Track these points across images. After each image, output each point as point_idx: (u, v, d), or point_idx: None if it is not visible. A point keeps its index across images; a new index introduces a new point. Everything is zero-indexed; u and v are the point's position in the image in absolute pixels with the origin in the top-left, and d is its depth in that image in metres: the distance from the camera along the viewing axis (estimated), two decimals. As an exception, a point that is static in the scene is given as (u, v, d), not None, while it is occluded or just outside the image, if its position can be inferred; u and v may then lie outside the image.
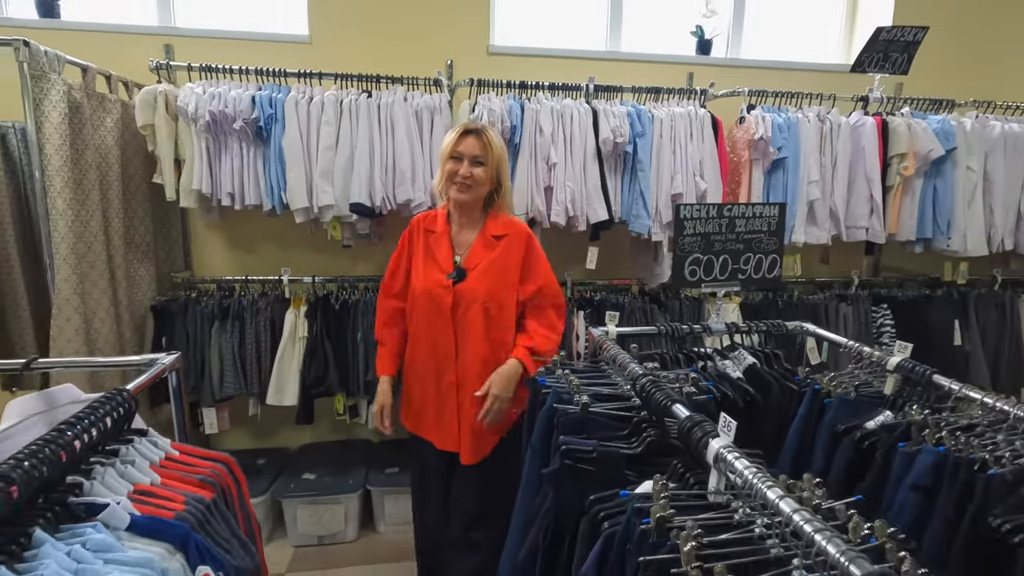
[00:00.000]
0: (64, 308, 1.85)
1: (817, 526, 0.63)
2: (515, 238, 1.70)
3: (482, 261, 1.66)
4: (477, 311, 1.64)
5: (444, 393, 1.70)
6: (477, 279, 1.65)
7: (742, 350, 1.47)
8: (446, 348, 1.67)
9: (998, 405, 1.04)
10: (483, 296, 1.64)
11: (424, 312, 1.68)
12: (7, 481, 0.68)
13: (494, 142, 1.65)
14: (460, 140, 1.64)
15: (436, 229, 1.72)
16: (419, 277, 1.69)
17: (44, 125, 1.79)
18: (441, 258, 1.69)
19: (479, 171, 1.63)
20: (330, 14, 2.65)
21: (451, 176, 1.63)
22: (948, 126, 2.59)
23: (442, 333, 1.67)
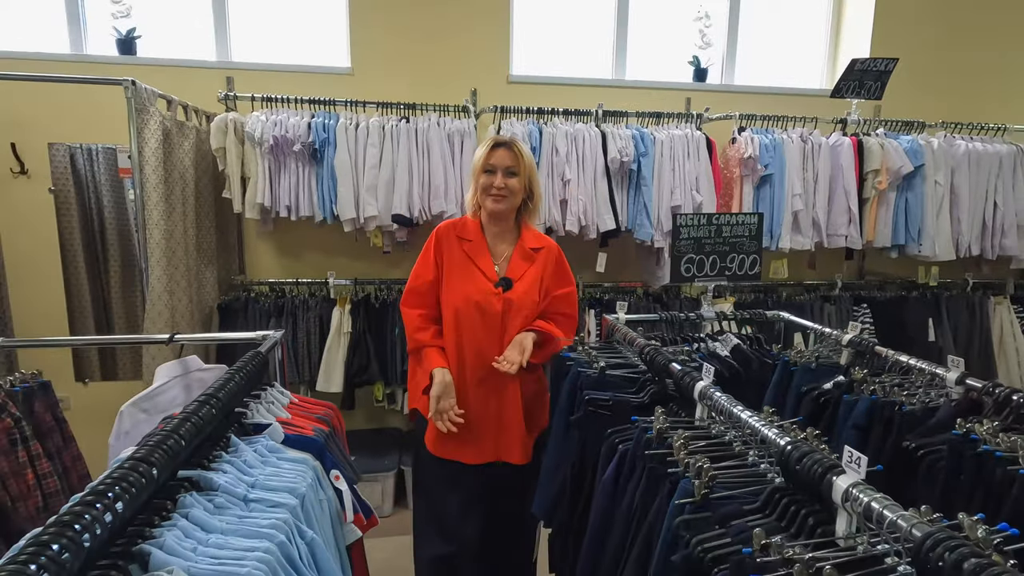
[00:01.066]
0: (156, 304, 2.19)
1: (759, 423, 0.95)
2: (549, 252, 1.74)
3: (525, 273, 1.69)
4: (522, 320, 1.66)
5: (483, 402, 1.66)
6: (524, 287, 1.67)
7: (729, 334, 1.79)
8: (490, 356, 1.61)
9: (919, 365, 1.36)
10: (529, 305, 1.67)
11: (469, 320, 1.64)
12: (214, 403, 1.00)
13: (524, 153, 1.68)
14: (492, 153, 1.66)
15: (471, 238, 1.71)
16: (461, 284, 1.66)
17: (144, 149, 2.14)
18: (484, 267, 1.68)
19: (513, 182, 1.66)
20: (369, 48, 3.01)
21: (486, 188, 1.66)
22: (917, 145, 2.92)
23: (487, 341, 1.64)
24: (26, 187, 2.82)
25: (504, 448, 1.69)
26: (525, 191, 1.71)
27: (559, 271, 1.76)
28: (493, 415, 1.67)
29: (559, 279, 1.75)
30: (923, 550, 0.61)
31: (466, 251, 1.70)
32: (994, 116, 3.25)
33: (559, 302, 1.73)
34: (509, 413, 1.67)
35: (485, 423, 1.67)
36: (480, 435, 1.67)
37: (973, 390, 1.22)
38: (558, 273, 1.75)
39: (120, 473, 0.73)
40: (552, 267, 1.74)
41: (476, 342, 1.65)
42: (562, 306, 1.74)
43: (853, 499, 0.72)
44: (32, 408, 1.31)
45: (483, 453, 1.68)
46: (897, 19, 3.39)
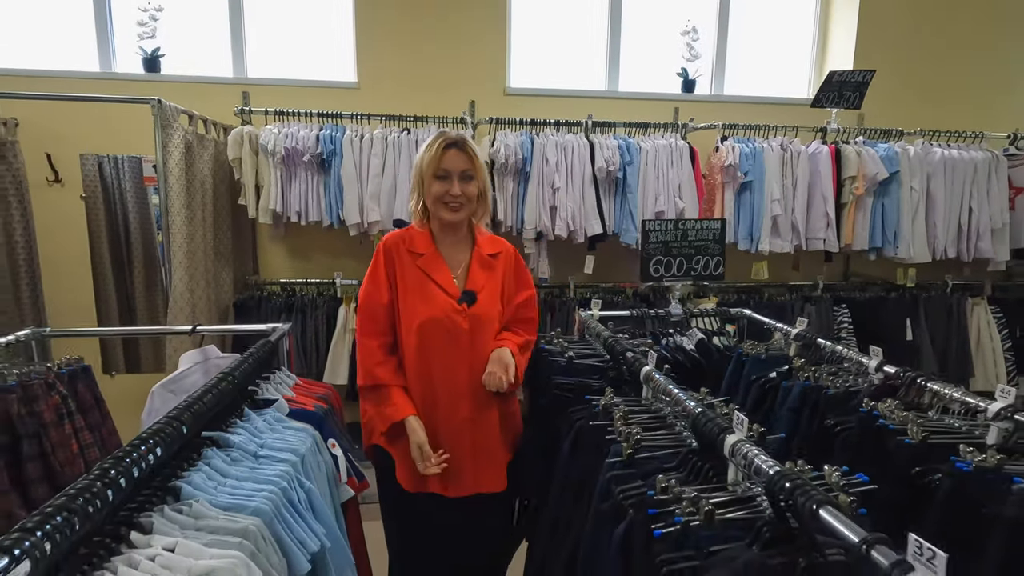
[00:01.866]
0: (178, 300, 2.41)
1: (683, 394, 1.13)
2: (507, 256, 1.63)
3: (487, 282, 1.56)
4: (491, 333, 1.53)
5: (456, 432, 1.51)
6: (488, 301, 1.54)
7: (694, 329, 1.96)
8: (459, 379, 1.49)
9: (848, 354, 1.52)
10: (496, 318, 1.55)
11: (433, 342, 1.48)
12: (230, 379, 1.20)
13: (477, 152, 1.52)
14: (444, 155, 1.48)
15: (423, 251, 1.54)
16: (420, 305, 1.50)
17: (168, 161, 2.36)
18: (443, 282, 1.52)
19: (471, 187, 1.50)
20: (374, 64, 3.22)
21: (440, 197, 1.49)
22: (892, 152, 3.07)
23: (455, 363, 1.49)
24: (60, 194, 3.07)
25: (483, 478, 1.55)
26: (479, 193, 1.54)
27: (519, 275, 1.65)
28: (468, 443, 1.52)
29: (519, 284, 1.64)
30: (772, 483, 0.79)
31: (420, 266, 1.52)
32: (972, 124, 3.38)
33: (523, 308, 1.63)
34: (485, 439, 1.53)
35: (461, 452, 1.51)
36: (459, 467, 1.51)
37: (889, 376, 1.39)
38: (518, 277, 1.64)
39: (158, 427, 0.93)
40: (512, 272, 1.62)
41: (443, 366, 1.49)
42: (526, 311, 1.63)
43: (737, 452, 0.90)
44: (76, 388, 1.52)
45: (462, 486, 1.53)
46: (880, 31, 3.53)
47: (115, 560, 0.71)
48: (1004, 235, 3.23)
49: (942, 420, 1.19)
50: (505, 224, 2.90)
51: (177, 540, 0.78)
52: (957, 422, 1.18)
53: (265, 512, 0.92)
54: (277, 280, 3.17)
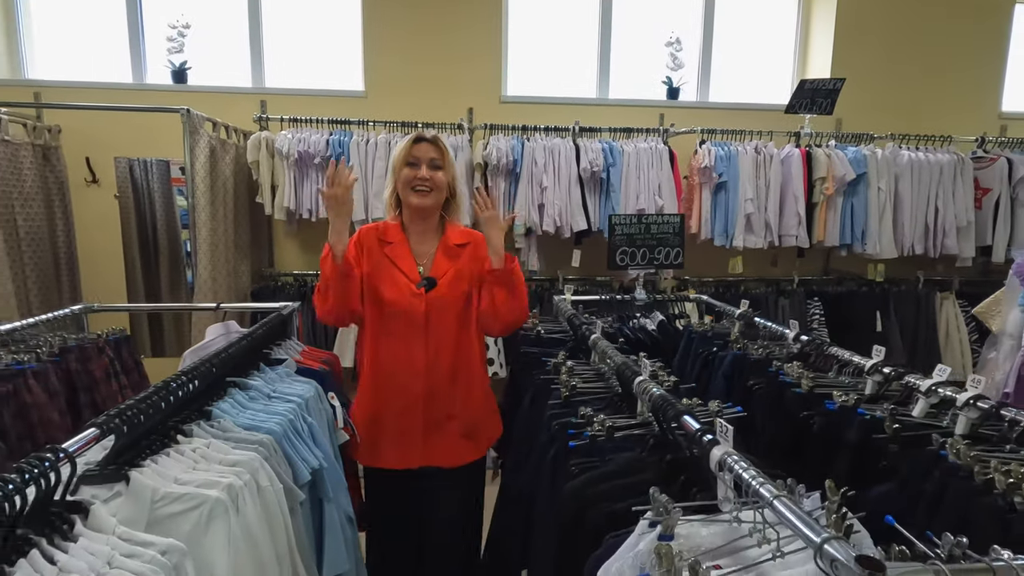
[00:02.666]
0: (203, 288, 2.70)
1: (614, 353, 1.38)
2: (479, 246, 1.67)
3: (449, 269, 1.63)
4: (451, 319, 1.61)
5: (409, 408, 1.62)
6: (448, 286, 1.61)
7: (656, 312, 2.21)
8: (416, 360, 1.59)
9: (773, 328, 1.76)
10: (456, 303, 1.62)
11: (391, 323, 1.60)
12: (248, 340, 1.47)
13: (448, 151, 1.63)
14: (415, 146, 1.60)
15: (392, 240, 1.65)
16: (380, 287, 1.61)
17: (195, 164, 2.66)
18: (405, 268, 1.62)
19: (439, 175, 1.59)
20: (380, 74, 3.51)
21: (408, 182, 1.59)
22: (860, 155, 3.28)
23: (411, 344, 1.59)
24: (97, 193, 3.39)
25: (434, 452, 1.64)
26: (448, 190, 1.65)
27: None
28: (419, 418, 1.62)
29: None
30: (655, 405, 1.04)
31: (387, 253, 1.63)
32: (943, 128, 3.57)
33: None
34: (436, 415, 1.63)
35: (411, 427, 1.62)
36: (409, 440, 1.62)
37: (805, 344, 1.63)
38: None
39: (194, 366, 1.20)
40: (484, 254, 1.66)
41: (400, 346, 1.60)
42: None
43: (640, 387, 1.15)
44: (120, 352, 1.81)
45: (411, 458, 1.63)
46: (856, 41, 3.75)
47: (171, 447, 0.99)
48: (970, 233, 3.42)
49: (827, 376, 1.43)
50: (498, 221, 3.17)
51: (210, 441, 1.06)
52: (846, 379, 1.42)
53: (276, 432, 1.19)
54: (290, 271, 3.46)
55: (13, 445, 1.33)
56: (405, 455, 1.64)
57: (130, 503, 0.87)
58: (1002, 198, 3.42)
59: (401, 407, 1.62)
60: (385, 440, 1.64)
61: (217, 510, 0.91)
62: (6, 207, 2.78)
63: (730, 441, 0.81)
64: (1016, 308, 1.96)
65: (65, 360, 1.59)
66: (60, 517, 0.74)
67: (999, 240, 3.44)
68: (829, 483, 0.71)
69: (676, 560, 0.66)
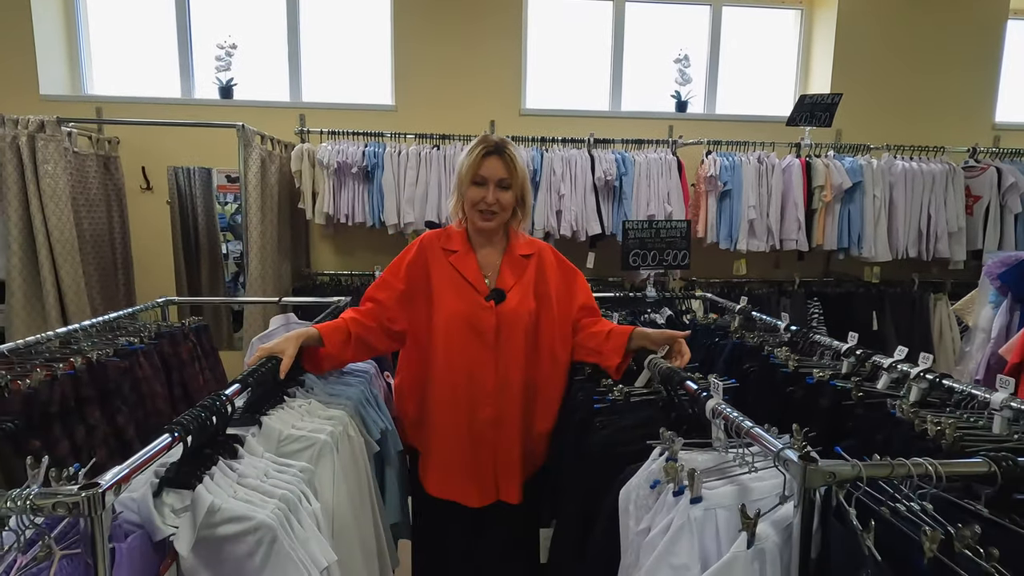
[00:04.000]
0: (253, 285, 2.99)
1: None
2: (543, 255, 1.62)
3: (518, 281, 1.55)
4: (520, 334, 1.51)
5: (478, 433, 1.51)
6: (518, 299, 1.52)
7: (665, 308, 2.47)
8: (484, 378, 1.49)
9: (767, 320, 2.01)
10: (526, 317, 1.52)
11: (458, 339, 1.49)
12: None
13: (518, 159, 1.51)
14: (482, 162, 1.49)
15: (456, 248, 1.57)
16: (448, 301, 1.52)
17: (248, 174, 2.95)
18: (472, 279, 1.53)
19: (506, 196, 1.50)
20: (409, 89, 3.79)
21: (475, 204, 1.51)
22: (857, 165, 3.52)
23: (481, 362, 1.49)
24: (150, 199, 3.70)
25: (503, 485, 1.54)
26: (517, 200, 1.55)
27: (563, 272, 1.64)
28: (488, 451, 1.52)
29: (568, 281, 1.64)
30: (663, 374, 1.30)
31: (452, 263, 1.55)
32: (937, 139, 3.80)
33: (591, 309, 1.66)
34: (507, 444, 1.52)
35: (483, 457, 1.52)
36: (480, 473, 1.53)
37: (794, 334, 1.87)
38: (563, 274, 1.64)
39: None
40: (552, 271, 1.61)
41: (469, 363, 1.50)
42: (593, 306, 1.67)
43: (651, 362, 1.40)
44: (200, 339, 2.10)
45: (484, 494, 1.53)
46: (855, 56, 3.99)
47: (284, 403, 1.26)
48: (961, 238, 3.64)
49: (811, 360, 1.68)
50: (518, 225, 3.44)
51: (311, 401, 1.33)
52: (827, 361, 1.67)
53: (354, 398, 1.46)
54: (326, 272, 3.75)
55: (131, 410, 1.61)
56: (479, 491, 1.53)
57: (263, 440, 1.15)
58: (992, 205, 3.65)
59: (472, 435, 1.51)
60: (456, 471, 1.53)
61: (325, 449, 1.19)
62: (76, 212, 3.09)
63: (720, 395, 1.07)
64: (988, 305, 2.19)
65: (160, 344, 1.88)
66: (228, 444, 1.01)
67: (989, 244, 3.65)
68: (795, 426, 0.96)
69: (679, 471, 0.92)
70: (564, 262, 1.67)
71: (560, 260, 1.67)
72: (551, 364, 1.58)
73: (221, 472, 0.93)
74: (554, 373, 1.59)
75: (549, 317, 1.58)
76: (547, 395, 1.59)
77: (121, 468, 0.80)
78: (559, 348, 1.59)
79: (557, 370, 1.60)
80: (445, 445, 1.54)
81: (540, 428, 1.59)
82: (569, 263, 1.69)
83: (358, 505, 1.26)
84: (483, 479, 1.53)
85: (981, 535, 0.70)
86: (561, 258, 1.68)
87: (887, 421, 1.22)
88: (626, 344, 1.48)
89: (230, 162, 3.29)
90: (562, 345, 1.60)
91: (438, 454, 1.55)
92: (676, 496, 0.90)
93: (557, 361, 1.60)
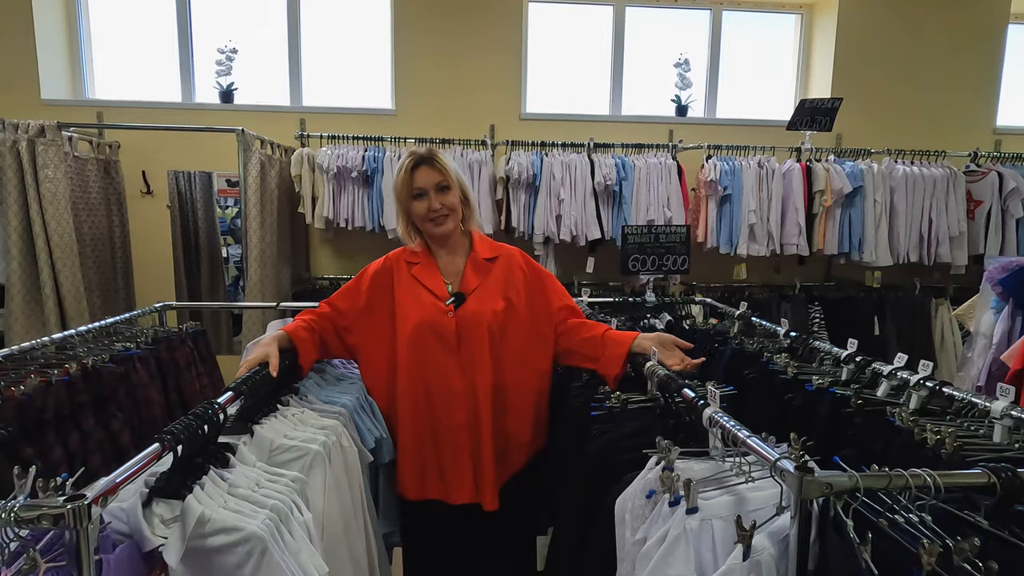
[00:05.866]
0: (252, 290, 2.99)
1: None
2: (509, 259, 1.62)
3: (482, 283, 1.56)
4: (483, 334, 1.51)
5: (452, 437, 1.51)
6: (479, 301, 1.53)
7: (665, 313, 2.46)
8: (450, 384, 1.50)
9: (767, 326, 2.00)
10: (488, 317, 1.51)
11: (424, 345, 1.50)
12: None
13: (447, 161, 1.53)
14: (414, 175, 1.50)
15: (418, 260, 1.58)
16: (409, 310, 1.53)
17: (247, 178, 2.95)
18: (433, 286, 1.54)
19: (449, 198, 1.51)
20: (409, 93, 3.79)
21: (423, 216, 1.52)
22: (857, 170, 3.51)
23: (444, 367, 1.50)
24: (150, 204, 3.70)
25: (480, 487, 1.53)
26: (460, 199, 1.55)
27: (534, 274, 1.64)
28: (464, 453, 1.52)
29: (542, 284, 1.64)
30: (661, 382, 1.29)
31: (414, 274, 1.57)
32: (938, 143, 3.79)
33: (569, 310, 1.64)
34: (483, 448, 1.52)
35: (458, 460, 1.52)
36: (454, 473, 1.53)
37: (793, 340, 1.86)
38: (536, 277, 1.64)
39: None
40: (522, 273, 1.61)
41: (434, 370, 1.50)
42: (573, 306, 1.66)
43: (648, 370, 1.39)
44: (197, 344, 2.09)
45: (461, 493, 1.53)
46: (855, 60, 3.98)
47: (277, 412, 1.25)
48: (962, 243, 3.63)
49: (810, 366, 1.67)
50: (518, 230, 3.43)
51: (304, 410, 1.32)
52: (827, 367, 1.66)
53: (349, 407, 1.45)
54: (325, 276, 3.75)
55: (127, 416, 1.60)
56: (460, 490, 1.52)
57: (254, 450, 1.14)
58: (993, 209, 3.63)
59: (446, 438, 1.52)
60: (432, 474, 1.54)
61: (317, 460, 1.18)
62: (75, 216, 3.09)
63: (717, 404, 1.05)
64: (989, 310, 2.18)
65: (157, 349, 1.87)
66: (219, 452, 1.00)
67: (991, 249, 3.64)
68: (793, 435, 0.95)
69: (675, 481, 0.91)
70: (534, 265, 1.68)
71: (530, 263, 1.67)
72: (522, 366, 1.58)
73: (212, 482, 0.92)
74: (526, 376, 1.59)
75: (518, 318, 1.58)
76: (519, 398, 1.58)
77: (109, 479, 0.79)
78: (533, 351, 1.60)
79: (529, 373, 1.60)
80: (417, 451, 1.54)
81: (513, 432, 1.58)
82: (539, 266, 1.69)
83: (350, 517, 1.25)
84: (461, 479, 1.53)
85: (980, 548, 0.69)
86: (531, 261, 1.68)
87: (887, 429, 1.20)
88: (626, 355, 1.47)
89: (230, 166, 3.29)
90: (538, 348, 1.61)
91: (411, 459, 1.55)
92: (672, 506, 0.89)
93: (529, 364, 1.59)
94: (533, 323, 1.60)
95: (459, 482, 1.53)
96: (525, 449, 1.61)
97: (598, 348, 1.52)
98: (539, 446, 1.65)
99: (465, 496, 1.53)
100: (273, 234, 3.23)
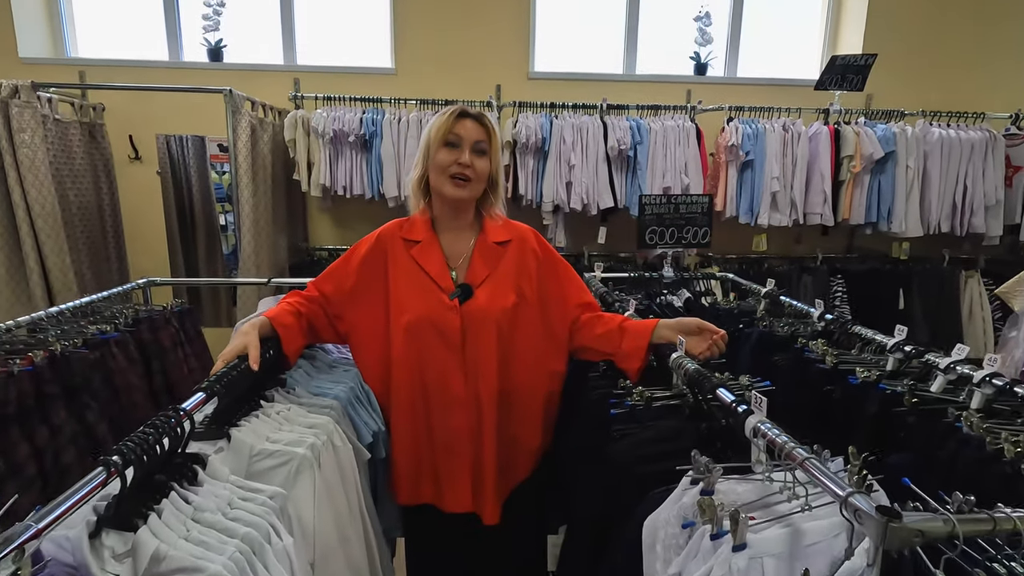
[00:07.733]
0: (247, 263, 2.84)
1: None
2: (523, 242, 1.42)
3: (490, 273, 1.37)
4: (490, 333, 1.33)
5: (451, 442, 1.36)
6: (488, 295, 1.34)
7: (683, 290, 2.29)
8: (451, 385, 1.33)
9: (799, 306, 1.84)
10: (497, 314, 1.33)
11: (419, 343, 1.33)
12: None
13: (496, 131, 1.36)
14: (458, 122, 1.30)
15: (419, 238, 1.37)
16: (407, 299, 1.34)
17: (237, 143, 2.76)
18: (435, 274, 1.35)
19: (482, 163, 1.32)
20: (409, 52, 3.55)
21: (445, 167, 1.30)
22: (889, 133, 3.27)
23: (445, 368, 1.33)
24: (140, 170, 3.53)
25: (479, 498, 1.39)
26: (488, 180, 1.37)
27: (551, 264, 1.45)
28: (463, 461, 1.37)
29: (559, 276, 1.46)
30: (690, 378, 1.14)
31: (414, 256, 1.36)
32: (977, 104, 3.53)
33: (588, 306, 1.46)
34: (485, 457, 1.37)
35: (455, 466, 1.37)
36: (450, 480, 1.38)
37: (830, 323, 1.70)
38: (552, 267, 1.45)
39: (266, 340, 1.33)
40: (537, 261, 1.43)
41: (434, 370, 1.34)
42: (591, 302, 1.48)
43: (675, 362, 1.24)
44: (184, 323, 1.95)
45: (456, 501, 1.38)
46: (889, 13, 3.69)
47: (259, 410, 1.11)
48: (998, 211, 3.41)
49: (850, 353, 1.51)
50: (526, 198, 3.24)
51: (290, 406, 1.18)
52: (868, 356, 1.50)
53: (341, 398, 1.31)
54: (324, 246, 3.59)
55: (103, 406, 1.48)
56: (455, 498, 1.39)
57: (232, 457, 1.00)
58: (1033, 176, 3.40)
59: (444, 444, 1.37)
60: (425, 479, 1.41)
61: (303, 465, 1.04)
62: (59, 184, 2.92)
63: (763, 412, 0.90)
64: (1039, 289, 2.00)
65: (138, 330, 1.73)
66: (185, 466, 0.87)
67: (1028, 219, 3.43)
68: (852, 449, 0.80)
69: (718, 510, 0.76)
70: (549, 249, 1.48)
71: (544, 246, 1.47)
72: (532, 368, 1.41)
73: (172, 506, 0.78)
74: (536, 378, 1.42)
75: (529, 314, 1.40)
76: (528, 403, 1.42)
77: (44, 511, 0.66)
78: (545, 351, 1.43)
79: (540, 375, 1.43)
80: (411, 452, 1.40)
81: (521, 439, 1.43)
82: (554, 251, 1.49)
83: (345, 524, 1.13)
84: (457, 488, 1.39)
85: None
86: (545, 244, 1.48)
87: (950, 435, 1.05)
88: (646, 347, 1.32)
89: (222, 130, 3.10)
90: (550, 348, 1.44)
91: (404, 460, 1.41)
92: (714, 540, 0.75)
93: (541, 365, 1.42)
94: (546, 319, 1.43)
95: (455, 490, 1.39)
96: (534, 455, 1.46)
97: (615, 342, 1.36)
98: (548, 448, 1.51)
99: (461, 506, 1.39)
100: (268, 202, 3.06)
